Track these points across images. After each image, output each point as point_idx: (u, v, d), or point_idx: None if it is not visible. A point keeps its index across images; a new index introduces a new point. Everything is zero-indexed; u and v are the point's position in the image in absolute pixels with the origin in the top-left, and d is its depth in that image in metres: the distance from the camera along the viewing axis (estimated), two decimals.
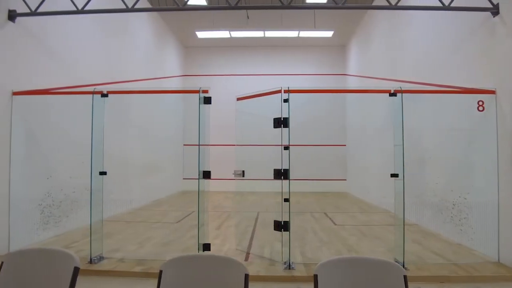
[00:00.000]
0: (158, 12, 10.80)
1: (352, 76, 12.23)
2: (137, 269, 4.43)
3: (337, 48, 13.45)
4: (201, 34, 11.58)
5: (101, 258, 4.78)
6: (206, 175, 4.87)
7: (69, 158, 6.55)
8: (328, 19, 11.40)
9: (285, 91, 4.79)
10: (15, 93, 5.15)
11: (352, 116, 11.67)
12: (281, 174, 4.80)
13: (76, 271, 2.06)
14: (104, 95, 4.96)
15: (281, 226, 4.78)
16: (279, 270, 4.45)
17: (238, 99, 5.44)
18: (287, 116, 4.68)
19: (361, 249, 5.38)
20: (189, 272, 2.09)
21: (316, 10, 11.04)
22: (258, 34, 11.68)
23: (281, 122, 4.79)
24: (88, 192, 7.03)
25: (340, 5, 5.12)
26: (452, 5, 4.67)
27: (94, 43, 7.60)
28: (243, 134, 5.51)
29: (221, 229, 6.80)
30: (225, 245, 5.67)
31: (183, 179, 12.71)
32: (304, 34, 11.21)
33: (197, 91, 4.76)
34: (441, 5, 4.70)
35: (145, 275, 4.29)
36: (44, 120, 5.80)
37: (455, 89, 5.37)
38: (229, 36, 11.69)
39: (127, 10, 5.53)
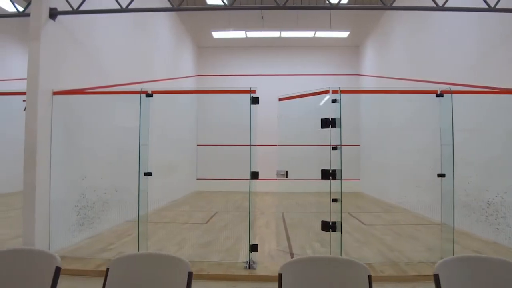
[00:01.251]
0: (176, 12, 10.70)
1: (367, 77, 12.32)
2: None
3: (351, 48, 13.53)
4: (217, 34, 11.53)
5: None
6: (255, 175, 4.83)
7: (101, 159, 6.48)
8: (344, 20, 11.47)
9: (333, 91, 4.81)
10: (55, 93, 5.06)
11: (367, 116, 11.75)
12: (330, 175, 4.81)
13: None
14: (149, 95, 4.91)
15: (329, 226, 4.79)
16: None
17: (280, 99, 5.43)
18: (338, 116, 4.70)
19: (402, 249, 5.41)
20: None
21: (332, 11, 11.09)
22: (273, 34, 11.69)
23: (329, 123, 4.80)
24: (117, 193, 6.99)
25: (378, 5, 5.16)
26: (498, 6, 4.73)
27: (123, 42, 7.52)
28: (286, 134, 5.51)
29: (254, 229, 6.76)
30: (265, 245, 5.65)
31: (197, 179, 12.63)
32: (320, 34, 11.25)
33: (248, 91, 4.74)
34: (486, 6, 4.76)
35: (198, 277, 4.26)
36: (79, 119, 5.72)
37: (494, 89, 5.45)
38: (244, 36, 11.66)
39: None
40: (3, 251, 2.24)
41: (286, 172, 5.28)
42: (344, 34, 11.38)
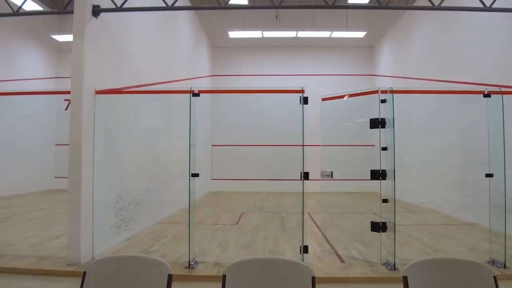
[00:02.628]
0: (195, 11, 10.62)
1: (383, 77, 12.35)
2: None
3: (365, 49, 13.57)
4: (233, 34, 11.46)
5: (196, 262, 4.64)
6: (306, 176, 4.78)
7: (135, 159, 6.38)
8: (360, 20, 11.48)
9: (382, 92, 4.79)
10: (97, 92, 4.95)
11: (383, 116, 11.77)
12: (379, 175, 4.79)
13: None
14: (196, 94, 4.83)
15: (380, 227, 4.76)
16: (385, 271, 4.43)
17: (324, 99, 5.39)
18: (388, 117, 4.67)
19: (445, 249, 5.41)
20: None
21: (348, 11, 11.12)
22: (289, 34, 11.65)
23: (378, 123, 4.78)
24: (148, 194, 6.90)
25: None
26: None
27: (152, 42, 7.42)
28: (329, 134, 5.47)
29: (288, 230, 6.72)
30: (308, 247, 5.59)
31: (212, 179, 12.54)
32: (337, 34, 11.26)
33: (300, 91, 4.68)
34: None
35: None
36: (117, 119, 5.61)
37: None
38: (260, 36, 11.61)
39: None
40: (116, 257, 2.16)
41: (332, 172, 5.24)
42: (361, 34, 11.40)
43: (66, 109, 4.93)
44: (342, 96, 5.20)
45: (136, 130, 6.30)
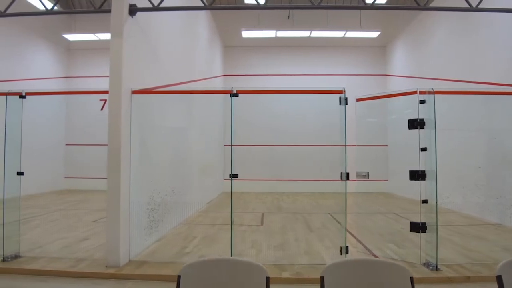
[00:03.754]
0: (211, 11, 10.54)
1: (396, 77, 12.39)
2: (286, 275, 4.29)
3: (377, 49, 13.59)
4: (246, 33, 11.41)
5: None
6: (346, 176, 4.76)
7: (164, 160, 6.32)
8: (374, 20, 11.51)
9: (421, 92, 4.79)
10: (134, 92, 4.89)
11: (394, 116, 11.81)
12: (419, 176, 4.79)
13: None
14: (235, 94, 4.79)
15: (419, 227, 4.76)
16: (427, 271, 4.43)
17: (358, 99, 5.37)
18: (427, 117, 4.68)
19: (479, 250, 5.42)
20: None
21: (362, 11, 11.13)
22: (303, 34, 11.64)
23: (417, 124, 4.78)
24: (174, 194, 6.84)
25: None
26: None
27: (177, 41, 7.36)
28: (364, 135, 5.46)
29: (316, 231, 6.69)
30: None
31: (224, 180, 12.47)
32: (351, 34, 11.27)
33: (339, 91, 4.67)
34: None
35: (302, 280, 4.17)
36: (150, 119, 5.55)
37: None
38: (274, 36, 11.58)
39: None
40: (209, 261, 2.12)
41: (368, 173, 5.23)
42: (374, 34, 11.43)
43: (101, 109, 4.85)
44: (378, 97, 5.19)
45: (165, 130, 6.25)
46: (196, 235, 6.24)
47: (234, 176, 4.85)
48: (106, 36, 11.69)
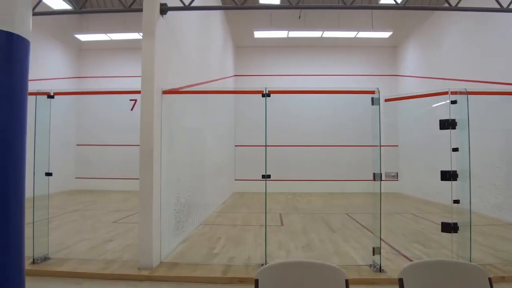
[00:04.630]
0: (224, 11, 10.52)
1: (408, 77, 12.41)
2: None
3: (388, 49, 13.59)
4: (258, 34, 11.39)
5: None
6: (378, 176, 4.75)
7: (188, 160, 6.30)
8: (385, 20, 11.52)
9: (452, 93, 4.79)
10: (164, 92, 4.86)
11: (406, 117, 11.83)
12: (450, 176, 4.78)
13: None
14: (266, 95, 4.77)
15: (451, 227, 4.76)
16: None
17: (386, 100, 5.36)
18: (461, 117, 4.67)
19: (508, 250, 5.43)
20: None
21: (373, 11, 11.14)
22: (314, 34, 11.63)
23: (449, 124, 4.78)
24: (196, 195, 6.82)
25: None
26: None
27: (198, 41, 7.32)
28: (392, 135, 5.45)
29: (338, 231, 6.68)
30: (368, 247, 5.56)
31: (235, 180, 12.46)
32: (362, 35, 11.26)
33: (371, 92, 4.66)
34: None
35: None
36: (178, 119, 5.53)
37: None
38: (285, 36, 11.56)
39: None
40: (286, 264, 2.10)
41: (397, 173, 5.22)
42: (386, 34, 11.44)
43: (131, 109, 4.81)
44: (407, 97, 5.19)
45: (188, 130, 6.23)
46: (220, 236, 6.21)
47: (266, 176, 4.78)
48: (118, 36, 11.69)
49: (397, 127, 12.61)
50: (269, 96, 4.73)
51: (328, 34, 11.43)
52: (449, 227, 4.76)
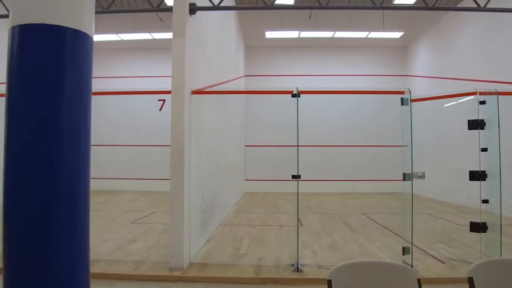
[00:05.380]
0: (238, 12, 10.49)
1: (417, 78, 12.43)
2: None
3: (398, 49, 13.59)
4: (269, 34, 11.39)
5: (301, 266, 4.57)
6: (408, 177, 4.75)
7: (211, 160, 6.28)
8: (397, 20, 11.54)
9: (481, 93, 4.80)
10: (193, 92, 4.84)
11: (417, 117, 11.84)
12: (479, 176, 4.79)
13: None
14: (297, 95, 4.76)
15: (480, 227, 4.76)
16: None
17: (413, 100, 5.35)
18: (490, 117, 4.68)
19: None
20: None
21: (385, 11, 11.15)
22: (326, 34, 11.63)
23: (477, 124, 4.79)
24: (216, 195, 6.80)
25: None
26: None
27: (217, 41, 7.31)
28: (419, 136, 5.45)
29: (359, 231, 6.68)
30: (393, 246, 5.56)
31: (246, 180, 12.44)
32: (374, 35, 11.28)
33: (400, 92, 4.66)
34: None
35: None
36: (203, 119, 5.51)
37: None
38: (297, 36, 11.56)
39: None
40: (356, 264, 2.09)
41: (424, 173, 5.22)
42: (397, 34, 11.45)
43: (160, 109, 4.80)
44: (434, 98, 5.19)
45: (210, 131, 6.22)
46: (243, 236, 6.20)
47: (296, 177, 4.77)
48: (129, 36, 11.66)
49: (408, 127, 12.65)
50: (299, 97, 4.72)
51: (339, 34, 11.43)
52: (478, 227, 4.77)
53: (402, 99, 4.74)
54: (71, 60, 2.02)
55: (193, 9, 4.74)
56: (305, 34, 11.44)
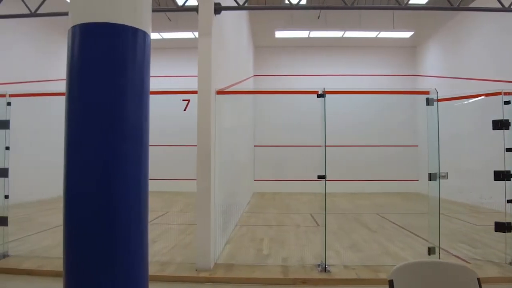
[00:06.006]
0: (249, 12, 10.47)
1: (427, 77, 12.44)
2: (383, 276, 4.27)
3: (407, 49, 13.58)
4: (279, 34, 11.37)
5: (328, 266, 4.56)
6: (434, 177, 4.75)
7: (228, 161, 6.26)
8: (407, 20, 11.54)
9: (505, 93, 4.81)
10: (218, 92, 4.83)
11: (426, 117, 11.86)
12: (504, 176, 4.79)
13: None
14: (321, 95, 4.75)
15: (505, 227, 4.76)
16: None
17: (438, 100, 5.35)
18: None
19: None
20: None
21: (395, 11, 11.15)
22: (335, 34, 11.62)
23: (502, 124, 4.79)
24: (233, 195, 6.78)
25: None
26: None
27: (234, 41, 7.29)
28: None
29: (378, 232, 6.67)
30: (416, 246, 5.56)
31: (254, 180, 12.43)
32: (384, 35, 11.27)
33: (425, 92, 4.66)
34: None
35: None
36: (224, 119, 5.49)
37: None
38: (306, 36, 11.55)
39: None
40: (418, 263, 2.08)
41: (447, 173, 5.21)
42: (407, 34, 11.45)
43: (184, 110, 4.77)
44: (457, 98, 5.20)
45: (230, 131, 6.21)
46: (261, 237, 6.19)
47: (322, 177, 4.75)
48: None
49: (418, 127, 12.68)
50: (324, 97, 4.71)
51: (348, 34, 11.42)
52: (503, 227, 4.77)
53: (427, 99, 4.73)
54: (133, 59, 2.00)
55: (218, 8, 4.73)
56: (315, 34, 11.42)
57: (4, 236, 4.95)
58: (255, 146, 12.46)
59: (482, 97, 5.04)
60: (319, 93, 4.71)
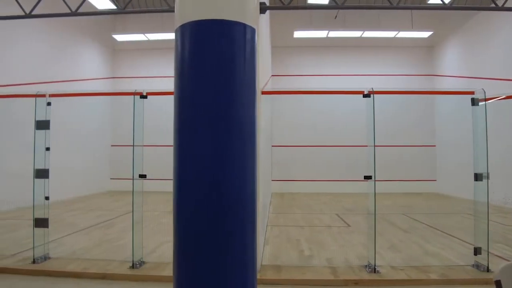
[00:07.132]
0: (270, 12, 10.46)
1: (445, 77, 12.42)
2: (434, 276, 4.26)
3: (424, 49, 13.57)
4: (297, 34, 11.35)
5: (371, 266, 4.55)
6: (480, 177, 4.73)
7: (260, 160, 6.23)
8: (425, 20, 11.54)
9: None
10: (263, 92, 4.81)
11: (445, 117, 11.86)
12: None
13: None
14: (366, 95, 4.73)
15: None
16: None
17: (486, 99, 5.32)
18: None
19: None
20: None
21: (413, 11, 11.15)
22: (354, 34, 11.59)
23: None
24: (262, 195, 6.74)
25: None
26: None
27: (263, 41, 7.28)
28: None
29: (410, 232, 6.65)
30: (456, 247, 5.55)
31: (272, 180, 12.39)
32: (402, 34, 11.25)
33: (470, 92, 4.64)
34: None
35: (460, 282, 4.16)
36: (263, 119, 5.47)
37: None
38: (325, 36, 11.53)
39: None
40: None
41: (488, 173, 5.19)
42: (426, 34, 11.44)
43: None
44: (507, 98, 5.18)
45: (263, 131, 6.19)
46: (297, 238, 6.16)
47: (368, 177, 4.74)
48: (155, 36, 11.59)
49: (434, 126, 12.68)
50: (369, 97, 4.69)
51: (367, 34, 11.41)
52: None
53: (472, 99, 4.71)
54: (243, 56, 1.99)
55: (263, 8, 4.70)
56: (334, 34, 11.40)
57: (45, 238, 4.91)
58: (272, 146, 12.43)
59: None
60: (365, 93, 4.69)
